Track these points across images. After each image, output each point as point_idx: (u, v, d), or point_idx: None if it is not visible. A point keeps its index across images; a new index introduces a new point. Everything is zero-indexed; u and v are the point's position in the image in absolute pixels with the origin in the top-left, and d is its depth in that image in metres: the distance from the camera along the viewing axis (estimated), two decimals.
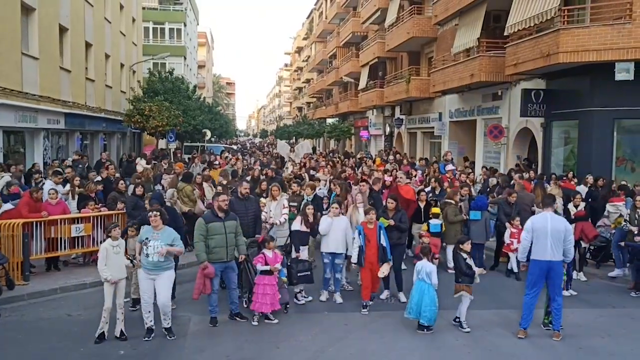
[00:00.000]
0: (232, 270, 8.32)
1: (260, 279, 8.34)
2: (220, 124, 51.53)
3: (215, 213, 8.21)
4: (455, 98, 25.12)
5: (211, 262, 7.96)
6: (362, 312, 8.87)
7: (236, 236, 8.28)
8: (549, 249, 7.74)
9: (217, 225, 8.08)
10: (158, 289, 7.49)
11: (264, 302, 8.23)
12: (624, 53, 13.93)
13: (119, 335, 7.57)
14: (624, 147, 15.91)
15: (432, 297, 7.94)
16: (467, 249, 8.13)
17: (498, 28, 20.28)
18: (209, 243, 8.00)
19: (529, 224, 7.91)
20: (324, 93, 59.45)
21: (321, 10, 59.70)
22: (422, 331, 8.00)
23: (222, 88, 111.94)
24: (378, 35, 34.85)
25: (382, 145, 36.66)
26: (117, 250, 7.61)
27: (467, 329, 8.04)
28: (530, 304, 7.88)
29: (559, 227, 7.77)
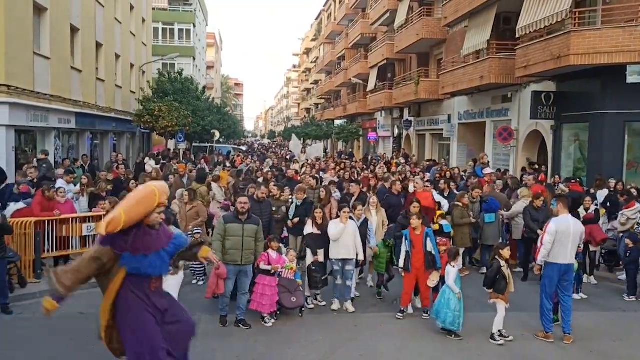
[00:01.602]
0: (245, 276, 8.21)
1: (261, 278, 8.32)
2: (229, 124, 51.64)
3: (236, 214, 8.22)
4: (465, 100, 25.07)
5: (225, 264, 7.90)
6: (397, 316, 8.71)
7: (256, 242, 8.17)
8: (569, 252, 7.73)
9: (236, 226, 8.06)
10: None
11: (260, 302, 8.21)
12: (636, 56, 13.88)
13: None
14: (634, 151, 15.82)
15: (447, 300, 7.87)
16: (507, 256, 7.88)
17: (508, 30, 20.26)
18: (225, 244, 7.98)
19: (552, 227, 7.73)
20: (333, 94, 59.46)
21: (330, 11, 59.74)
22: (450, 336, 7.89)
23: (231, 89, 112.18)
24: (387, 36, 34.86)
25: (391, 147, 36.64)
26: None
27: (499, 342, 7.69)
28: (550, 307, 7.86)
29: (579, 230, 7.81)
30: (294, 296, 8.47)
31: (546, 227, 7.88)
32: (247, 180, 15.17)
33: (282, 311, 8.57)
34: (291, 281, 8.57)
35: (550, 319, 7.88)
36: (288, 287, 8.47)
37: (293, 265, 8.67)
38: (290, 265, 8.61)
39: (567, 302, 7.85)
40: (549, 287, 7.82)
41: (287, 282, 8.51)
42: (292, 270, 8.63)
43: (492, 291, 7.84)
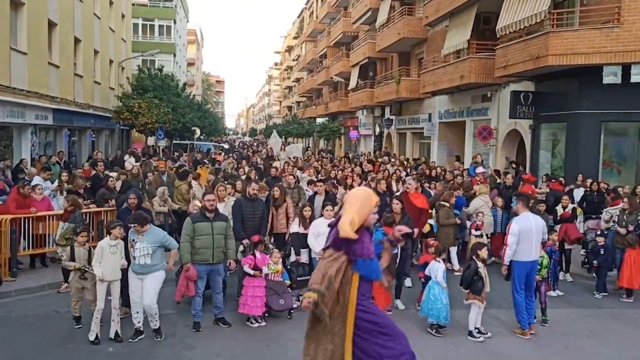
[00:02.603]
0: (217, 274, 8.08)
1: (249, 281, 8.23)
2: (210, 122, 51.40)
3: (203, 213, 8.02)
4: (445, 99, 25.25)
5: (196, 264, 7.77)
6: None
7: (226, 239, 8.02)
8: (534, 249, 7.90)
9: (204, 225, 7.85)
10: (144, 289, 7.33)
11: (254, 305, 8.11)
12: (612, 57, 14.10)
13: (113, 337, 7.41)
14: (610, 150, 16.09)
15: (435, 295, 7.93)
16: (484, 256, 7.92)
17: (488, 30, 20.43)
18: (195, 243, 7.78)
19: (515, 227, 7.85)
20: (314, 92, 59.46)
21: (312, 9, 59.71)
22: (438, 335, 7.93)
23: (212, 86, 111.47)
24: (369, 35, 34.94)
25: (372, 146, 36.77)
26: (114, 250, 7.39)
27: (479, 338, 7.79)
28: (524, 304, 7.99)
29: (541, 226, 8.03)
30: (282, 298, 8.36)
31: (509, 228, 7.98)
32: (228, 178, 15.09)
33: (270, 313, 8.45)
34: (279, 283, 8.47)
35: (524, 315, 8.00)
36: (276, 289, 8.37)
37: (278, 267, 8.53)
38: (275, 269, 8.48)
39: (533, 298, 8.08)
40: (519, 285, 7.96)
41: (274, 284, 8.39)
42: (278, 272, 8.51)
43: (468, 291, 7.91)
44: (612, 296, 10.26)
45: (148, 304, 7.33)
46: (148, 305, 7.34)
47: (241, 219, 9.27)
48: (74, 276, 7.75)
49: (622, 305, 9.81)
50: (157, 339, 7.49)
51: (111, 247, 7.40)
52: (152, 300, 7.35)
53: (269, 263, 8.45)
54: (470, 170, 17.05)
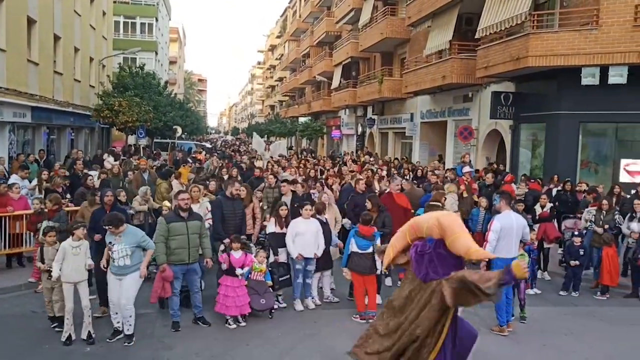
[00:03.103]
0: (194, 273, 8.01)
1: (224, 279, 8.17)
2: (192, 120, 51.09)
3: (177, 212, 7.93)
4: (427, 99, 25.40)
5: (172, 264, 7.69)
6: (353, 317, 8.62)
7: (201, 238, 7.97)
8: (514, 247, 8.01)
9: (179, 225, 7.77)
10: (122, 289, 7.23)
11: (223, 304, 8.06)
12: (590, 58, 14.29)
13: (86, 337, 7.31)
14: (588, 150, 16.31)
15: None
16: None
17: (470, 31, 20.58)
18: (170, 244, 7.69)
19: (497, 224, 7.93)
20: (297, 92, 59.41)
21: (295, 8, 59.64)
22: None
23: (194, 84, 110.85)
24: (352, 35, 35.00)
25: (354, 145, 36.85)
26: (77, 251, 7.25)
27: None
28: (504, 301, 8.06)
29: (521, 225, 8.10)
30: (263, 298, 8.31)
31: (491, 225, 8.07)
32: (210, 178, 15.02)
33: (251, 312, 8.36)
34: (260, 283, 8.41)
35: (502, 313, 8.10)
36: (257, 289, 8.32)
37: (263, 266, 8.49)
38: (259, 267, 8.45)
39: (508, 294, 8.18)
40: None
41: (255, 283, 8.35)
42: (261, 272, 8.47)
43: None
44: (587, 294, 10.40)
45: (124, 303, 7.22)
46: (124, 305, 7.23)
47: (222, 219, 9.25)
48: (44, 276, 7.64)
49: (597, 303, 9.96)
50: (127, 343, 7.30)
51: (74, 248, 7.27)
52: (129, 300, 7.26)
53: (254, 262, 8.42)
54: (458, 169, 17.16)
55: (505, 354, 7.44)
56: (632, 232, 10.11)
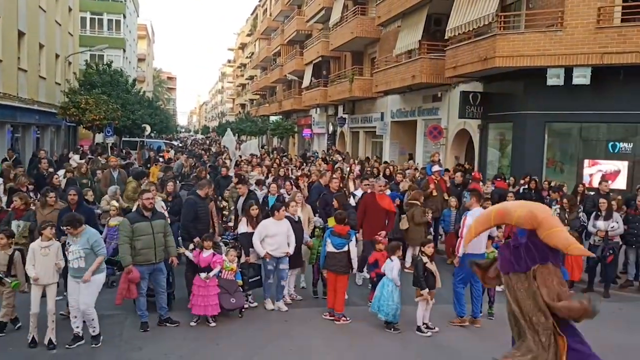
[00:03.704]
0: (160, 273, 7.92)
1: (196, 279, 8.14)
2: (161, 119, 50.55)
3: (141, 212, 7.80)
4: (397, 98, 25.59)
5: (138, 265, 7.57)
6: (323, 315, 8.66)
7: (165, 236, 7.87)
8: (483, 242, 8.22)
9: (144, 225, 7.66)
10: (80, 294, 7.02)
11: (195, 304, 8.03)
12: (555, 59, 14.58)
13: (47, 343, 7.07)
14: (554, 149, 16.67)
15: (389, 293, 8.02)
16: (429, 253, 8.07)
17: (439, 31, 20.80)
18: (135, 244, 7.57)
19: (470, 221, 7.98)
20: (268, 90, 59.20)
21: (265, 7, 59.39)
22: (390, 330, 8.06)
23: (163, 82, 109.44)
24: (322, 34, 35.05)
25: (325, 144, 36.92)
26: (46, 252, 7.05)
27: (427, 333, 7.96)
28: (463, 293, 8.36)
29: None
30: (233, 297, 8.27)
31: (464, 222, 8.22)
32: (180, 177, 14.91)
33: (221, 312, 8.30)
34: (231, 282, 8.37)
35: (463, 304, 8.32)
36: (227, 288, 8.27)
37: (233, 265, 8.44)
38: (230, 266, 8.40)
39: (478, 289, 8.37)
40: (465, 276, 8.23)
41: (226, 282, 8.30)
42: (232, 271, 8.43)
43: (417, 289, 8.07)
44: None
45: (83, 308, 7.01)
46: (84, 310, 7.02)
47: (194, 218, 9.22)
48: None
49: None
50: (94, 345, 7.15)
51: (42, 249, 7.07)
52: (88, 304, 7.03)
53: (225, 261, 8.38)
54: (427, 168, 17.33)
55: (473, 350, 7.56)
56: (599, 230, 10.35)
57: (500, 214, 5.42)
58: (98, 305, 7.24)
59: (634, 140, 15.12)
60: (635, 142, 15.09)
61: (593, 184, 14.23)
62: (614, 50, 13.71)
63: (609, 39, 13.84)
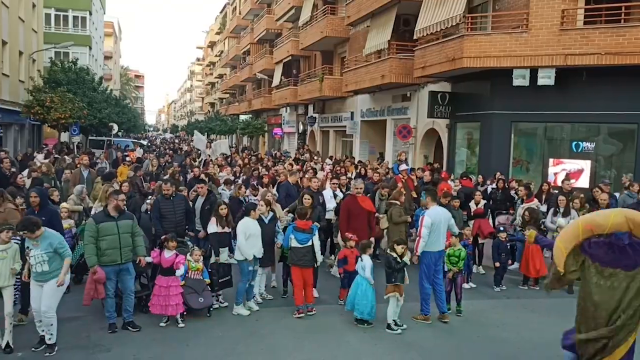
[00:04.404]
0: (128, 274, 7.78)
1: (157, 279, 8.04)
2: (128, 117, 49.83)
3: (107, 212, 7.70)
4: (367, 98, 25.73)
5: (104, 265, 7.46)
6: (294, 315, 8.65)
7: (133, 237, 7.79)
8: (442, 240, 8.40)
9: (109, 225, 7.57)
10: (42, 296, 6.84)
11: (155, 303, 7.93)
12: (521, 60, 14.86)
13: (4, 347, 6.87)
14: (520, 148, 16.99)
15: (363, 290, 8.09)
16: (400, 252, 8.11)
17: (407, 31, 20.98)
18: (101, 245, 7.48)
19: (428, 220, 8.25)
20: (237, 89, 58.86)
21: (235, 5, 59.04)
22: (362, 325, 8.14)
23: (131, 81, 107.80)
24: (292, 33, 35.01)
25: (296, 143, 36.91)
26: (3, 255, 6.85)
27: (396, 331, 8.02)
28: (430, 292, 8.48)
29: (447, 218, 8.51)
30: (201, 296, 8.22)
31: (422, 221, 8.35)
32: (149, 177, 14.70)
33: (190, 311, 8.26)
34: (198, 281, 8.31)
35: (428, 302, 8.47)
36: (195, 288, 8.21)
37: (199, 265, 8.38)
38: (196, 266, 8.34)
39: (440, 284, 8.53)
40: (427, 273, 8.39)
41: (193, 282, 8.24)
42: (198, 271, 8.37)
43: (387, 286, 8.16)
44: (519, 287, 10.84)
45: (44, 310, 6.82)
46: (44, 313, 6.83)
47: (160, 218, 9.21)
48: None
49: (528, 295, 10.41)
50: (48, 354, 6.91)
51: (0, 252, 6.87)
52: (49, 306, 6.85)
53: (190, 261, 8.32)
54: (394, 167, 17.48)
55: (441, 346, 7.67)
56: (559, 226, 10.59)
57: (590, 228, 5.50)
58: (65, 306, 7.10)
59: (596, 140, 15.52)
60: (598, 141, 15.49)
61: (558, 182, 14.55)
62: (577, 51, 14.04)
63: (572, 41, 14.17)
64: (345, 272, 9.00)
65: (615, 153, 15.35)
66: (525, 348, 7.70)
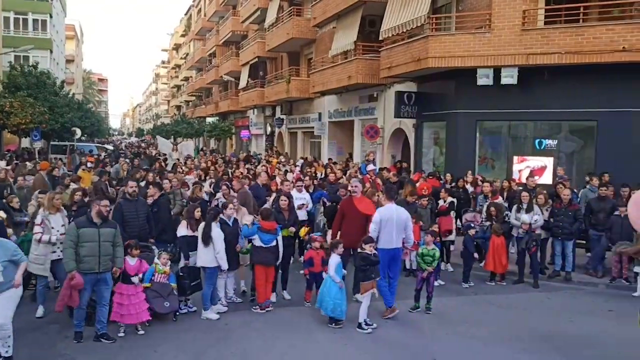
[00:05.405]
0: (104, 284, 7.55)
1: (118, 286, 7.80)
2: (92, 122, 48.83)
3: (90, 218, 7.50)
4: (334, 99, 25.79)
5: (81, 272, 7.24)
6: (253, 309, 8.80)
7: (114, 246, 7.56)
8: (395, 238, 8.43)
9: (91, 231, 7.35)
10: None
11: (118, 312, 7.70)
12: (485, 60, 15.08)
13: None
14: (485, 147, 17.25)
15: (329, 288, 8.10)
16: (370, 251, 8.12)
17: (373, 32, 21.10)
18: (80, 251, 7.26)
19: (377, 217, 8.39)
20: (204, 91, 58.37)
21: (200, 7, 58.56)
22: (331, 325, 8.14)
23: (94, 84, 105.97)
24: (258, 34, 34.87)
25: (264, 145, 36.78)
26: None
27: (367, 330, 8.01)
28: (387, 288, 8.58)
29: (402, 217, 8.53)
30: (167, 301, 8.06)
31: (373, 217, 8.50)
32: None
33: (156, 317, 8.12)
34: (164, 285, 8.16)
35: (388, 295, 8.56)
36: (160, 292, 8.06)
37: (166, 268, 8.25)
38: (163, 269, 8.21)
39: (393, 283, 8.65)
40: (381, 270, 8.43)
41: (159, 286, 8.09)
42: (165, 274, 8.24)
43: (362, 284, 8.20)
44: (486, 283, 10.99)
45: (2, 322, 6.51)
46: (2, 325, 6.52)
47: (122, 222, 8.83)
48: None
49: (495, 291, 10.57)
50: None
51: None
52: (6, 319, 6.54)
53: (157, 264, 8.17)
54: (362, 167, 17.56)
55: (411, 344, 7.72)
56: (523, 223, 10.78)
57: None
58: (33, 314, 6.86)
59: (558, 138, 15.85)
60: (560, 139, 15.83)
61: (522, 179, 14.82)
62: (539, 51, 14.32)
63: (534, 41, 14.45)
64: (311, 274, 8.99)
65: (576, 150, 15.71)
66: (493, 343, 7.79)
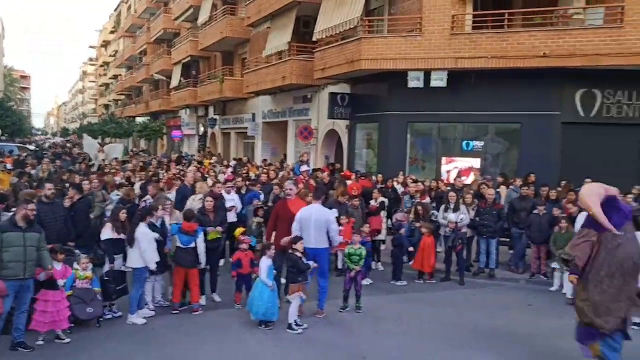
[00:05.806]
0: (27, 290, 7.16)
1: (42, 293, 7.35)
2: (13, 120, 46.58)
3: (14, 222, 7.10)
4: (268, 99, 25.66)
5: (4, 279, 6.82)
6: (172, 312, 8.62)
7: (39, 251, 7.17)
8: (313, 237, 8.42)
9: (15, 236, 6.96)
10: None
11: (41, 321, 7.24)
12: (415, 62, 15.41)
13: None
14: (416, 148, 17.60)
15: (259, 292, 7.98)
16: (300, 249, 8.15)
17: (307, 33, 21.14)
18: (3, 256, 6.86)
19: (298, 215, 8.50)
20: (134, 90, 56.72)
21: (130, 3, 56.97)
22: (262, 327, 8.01)
23: (15, 81, 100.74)
24: (191, 33, 34.28)
25: (196, 146, 36.13)
26: None
27: (297, 330, 7.96)
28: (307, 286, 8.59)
29: (321, 218, 8.54)
30: (89, 306, 7.69)
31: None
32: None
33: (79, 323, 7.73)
34: (87, 290, 7.78)
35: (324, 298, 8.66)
36: (83, 297, 7.68)
37: (88, 273, 7.87)
38: (84, 275, 7.82)
39: (323, 284, 8.68)
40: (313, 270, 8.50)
41: (81, 292, 7.70)
42: (87, 279, 7.85)
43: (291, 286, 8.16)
44: (415, 282, 11.15)
45: None
46: None
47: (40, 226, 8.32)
48: None
49: (424, 289, 10.75)
50: None
51: None
52: None
53: (77, 269, 7.78)
54: (296, 168, 17.50)
55: (340, 343, 7.70)
56: (450, 222, 11.04)
57: None
58: None
59: (484, 139, 16.39)
60: (486, 140, 16.37)
61: (450, 179, 15.21)
62: (467, 55, 14.78)
63: (462, 45, 14.90)
64: (239, 275, 8.85)
65: (502, 151, 16.29)
66: (423, 340, 7.91)
